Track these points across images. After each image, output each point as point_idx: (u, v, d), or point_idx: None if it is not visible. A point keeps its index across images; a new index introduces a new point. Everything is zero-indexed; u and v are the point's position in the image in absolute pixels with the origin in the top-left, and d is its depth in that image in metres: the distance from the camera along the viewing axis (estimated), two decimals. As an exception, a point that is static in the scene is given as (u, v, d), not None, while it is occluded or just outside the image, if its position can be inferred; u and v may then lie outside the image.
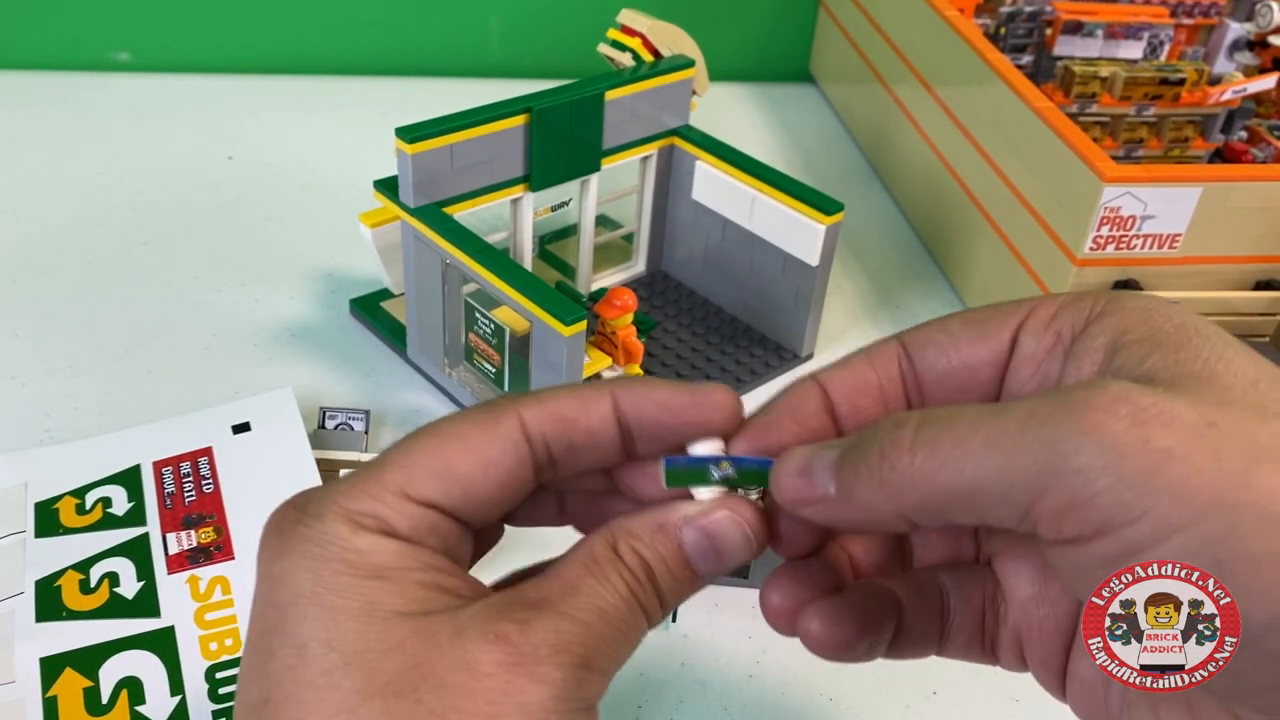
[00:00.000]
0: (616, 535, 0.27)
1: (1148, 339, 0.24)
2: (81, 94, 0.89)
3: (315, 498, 0.26)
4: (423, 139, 0.53)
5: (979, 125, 0.70)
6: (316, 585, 0.24)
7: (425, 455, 0.27)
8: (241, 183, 0.79)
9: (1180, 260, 0.59)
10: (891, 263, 0.77)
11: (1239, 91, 0.74)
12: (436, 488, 0.26)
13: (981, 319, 0.28)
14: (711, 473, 0.28)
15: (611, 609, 0.26)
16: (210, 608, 0.45)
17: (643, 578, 0.27)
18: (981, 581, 0.30)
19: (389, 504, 0.26)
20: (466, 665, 0.23)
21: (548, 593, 0.25)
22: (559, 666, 0.24)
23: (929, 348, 0.28)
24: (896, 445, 0.24)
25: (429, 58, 0.98)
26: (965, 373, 0.28)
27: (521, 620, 0.24)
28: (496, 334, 0.54)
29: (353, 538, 0.25)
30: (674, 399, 0.28)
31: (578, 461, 0.28)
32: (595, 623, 0.25)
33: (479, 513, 0.27)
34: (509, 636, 0.24)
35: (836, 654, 0.28)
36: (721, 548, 0.27)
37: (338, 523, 0.25)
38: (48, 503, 0.49)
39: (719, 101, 0.93)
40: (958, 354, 0.28)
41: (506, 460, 0.27)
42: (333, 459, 0.52)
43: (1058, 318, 0.26)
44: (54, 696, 0.41)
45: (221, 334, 0.64)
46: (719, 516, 0.27)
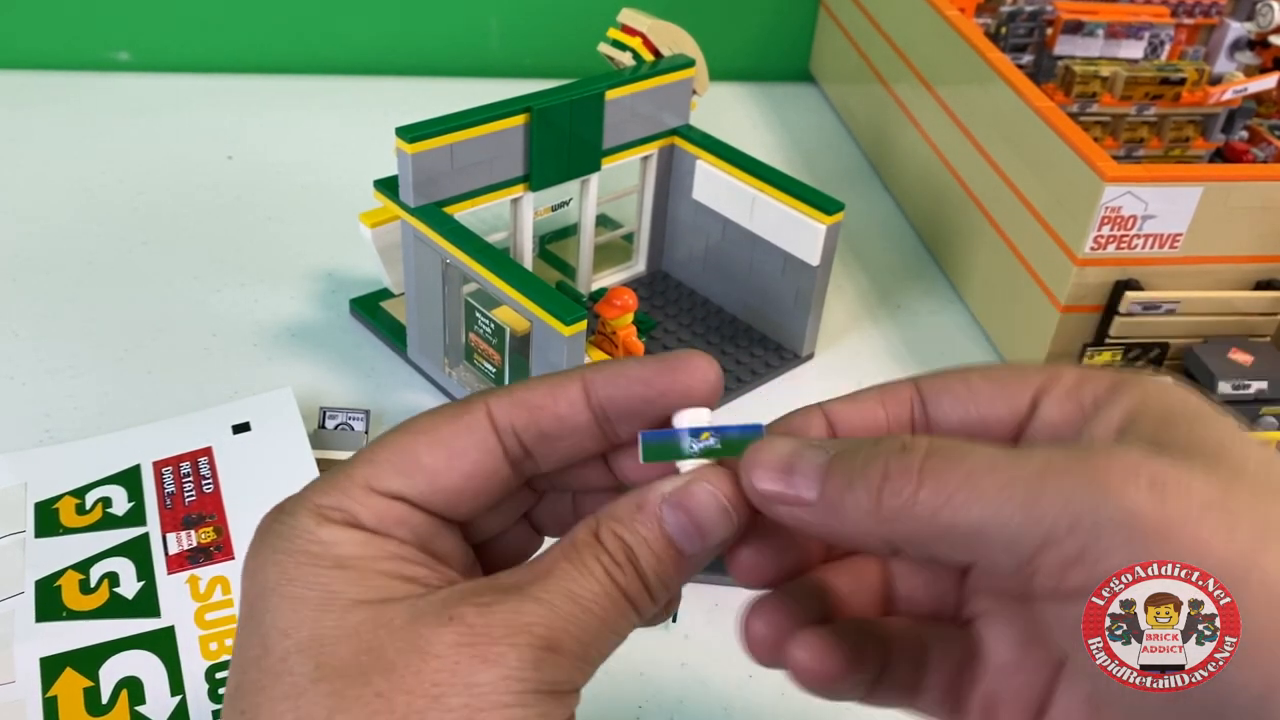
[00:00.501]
0: (600, 520, 0.26)
1: (1164, 415, 0.24)
2: (81, 94, 0.89)
3: (292, 498, 0.27)
4: (423, 139, 0.53)
5: (979, 125, 0.70)
6: (281, 577, 0.25)
7: (391, 450, 0.27)
8: (241, 183, 0.79)
9: (1181, 260, 0.59)
10: (892, 263, 0.77)
11: (1240, 91, 0.74)
12: (400, 480, 0.26)
13: (1002, 377, 0.27)
14: (688, 444, 0.27)
15: (586, 592, 0.25)
16: (210, 608, 0.45)
17: (622, 560, 0.26)
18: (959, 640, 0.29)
19: (354, 497, 0.26)
20: (417, 648, 0.23)
21: (521, 579, 0.25)
22: (513, 646, 0.23)
23: (945, 396, 0.28)
24: (903, 470, 0.23)
25: (429, 58, 0.98)
26: (980, 428, 0.27)
27: (482, 604, 0.24)
28: (497, 334, 0.54)
29: (317, 530, 0.25)
30: (645, 371, 0.27)
31: (556, 450, 0.28)
32: (564, 605, 0.25)
33: (449, 503, 0.27)
34: (464, 618, 0.24)
35: (823, 687, 0.28)
36: (702, 524, 0.26)
37: (306, 517, 0.26)
38: (48, 503, 0.49)
39: (719, 101, 0.93)
40: (975, 408, 0.27)
41: (472, 451, 0.27)
42: (333, 459, 0.52)
43: (1080, 388, 0.26)
44: (54, 696, 0.41)
45: (221, 334, 0.64)
46: (694, 490, 0.26)
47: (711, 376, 0.27)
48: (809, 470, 0.25)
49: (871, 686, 0.28)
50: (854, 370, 0.66)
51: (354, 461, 0.27)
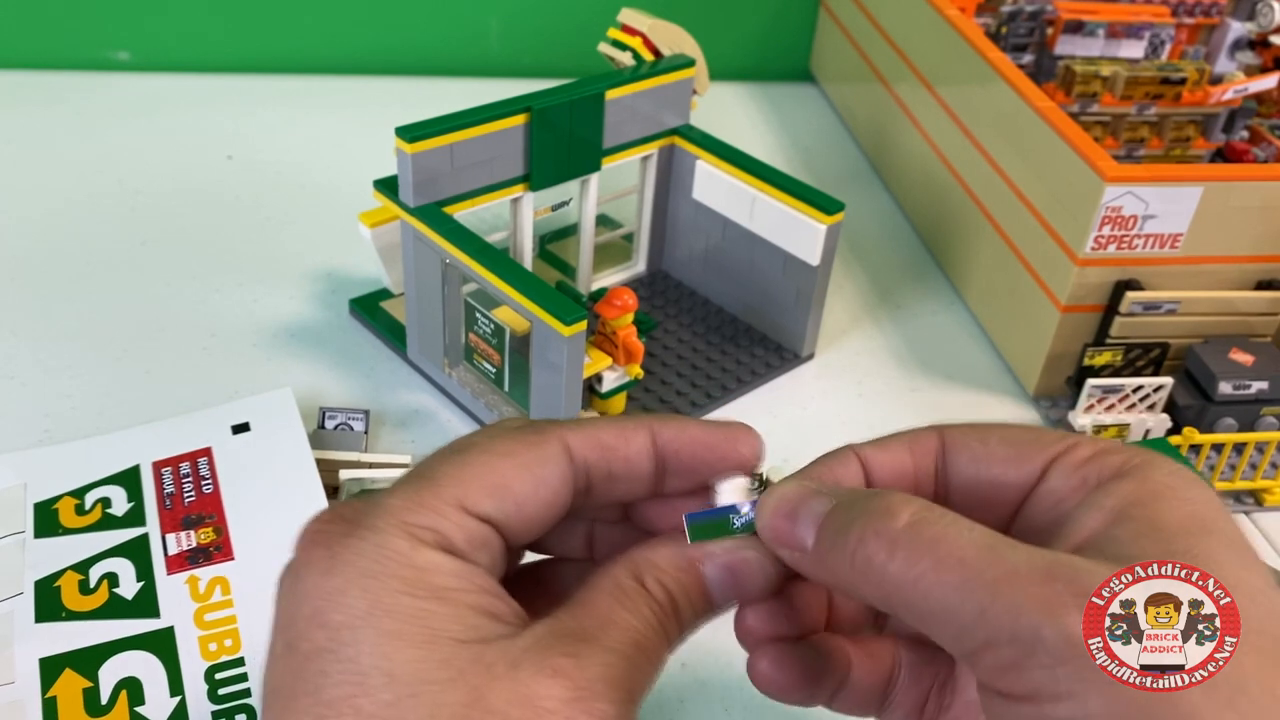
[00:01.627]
0: (640, 567, 0.28)
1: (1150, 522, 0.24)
2: (81, 94, 0.88)
3: (366, 509, 0.26)
4: (423, 139, 0.53)
5: (980, 125, 0.70)
6: (373, 607, 0.24)
7: (479, 470, 0.27)
8: (241, 183, 0.79)
9: (1181, 260, 0.59)
10: (892, 263, 0.77)
11: (1240, 91, 0.74)
12: (492, 503, 0.26)
13: (1020, 442, 0.28)
14: (733, 522, 0.29)
15: (645, 640, 0.26)
16: (210, 608, 0.45)
17: (669, 609, 0.27)
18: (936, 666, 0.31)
19: (448, 517, 0.26)
20: (528, 700, 0.24)
21: (585, 623, 0.26)
22: (613, 702, 0.25)
23: (964, 454, 0.29)
24: (877, 537, 0.25)
25: (429, 58, 0.98)
26: (991, 489, 0.28)
27: (572, 654, 0.25)
28: (497, 334, 0.54)
29: (411, 553, 0.25)
30: (711, 436, 0.29)
31: (613, 490, 0.29)
32: (635, 656, 0.26)
33: (525, 531, 0.27)
34: (566, 671, 0.24)
35: (778, 695, 0.30)
36: (743, 582, 0.29)
37: (395, 536, 0.25)
38: (47, 503, 0.49)
39: (719, 101, 0.93)
40: (989, 470, 0.28)
41: (554, 481, 0.28)
42: (332, 459, 0.52)
43: (1088, 464, 0.27)
44: (53, 697, 0.41)
45: (221, 334, 0.64)
46: (748, 556, 0.28)
47: (758, 448, 0.30)
48: (808, 519, 0.27)
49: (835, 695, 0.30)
50: (854, 370, 0.66)
51: (436, 478, 0.26)
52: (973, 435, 0.29)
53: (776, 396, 0.63)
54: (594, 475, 0.29)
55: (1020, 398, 0.65)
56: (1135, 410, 0.59)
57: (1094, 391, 0.58)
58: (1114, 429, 0.59)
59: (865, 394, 0.64)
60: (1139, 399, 0.59)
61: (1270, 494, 0.58)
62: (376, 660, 0.23)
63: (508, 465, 0.27)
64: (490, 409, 0.57)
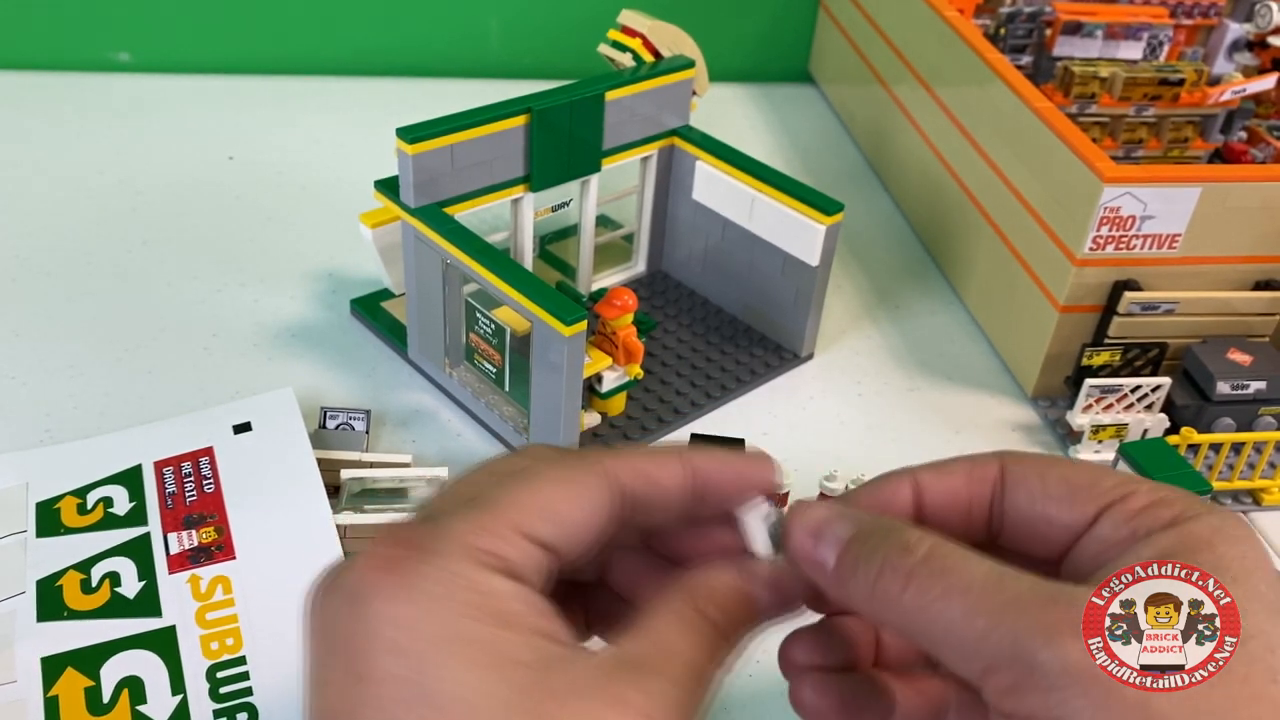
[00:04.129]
0: (698, 595, 0.28)
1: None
2: (81, 94, 0.89)
3: (430, 534, 0.26)
4: (423, 139, 0.53)
5: (978, 126, 0.70)
6: (448, 634, 0.24)
7: (535, 495, 0.27)
8: (241, 183, 0.79)
9: (1180, 260, 0.59)
10: (891, 263, 0.77)
11: (1238, 92, 0.74)
12: (550, 529, 0.27)
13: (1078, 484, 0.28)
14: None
15: (703, 670, 0.27)
16: (211, 607, 0.45)
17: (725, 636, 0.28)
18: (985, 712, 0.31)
19: (510, 542, 0.26)
20: None
21: (646, 652, 0.27)
22: None
23: (1021, 490, 0.29)
24: (894, 570, 0.26)
25: (429, 58, 0.98)
26: (1044, 527, 0.29)
27: (635, 683, 0.25)
28: (497, 334, 0.54)
29: (480, 578, 0.25)
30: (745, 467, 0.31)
31: (651, 519, 0.30)
32: (695, 687, 0.27)
33: (573, 555, 0.28)
34: (633, 701, 0.25)
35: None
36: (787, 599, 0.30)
37: (464, 561, 0.25)
38: (49, 502, 0.49)
39: (719, 102, 0.93)
40: (1043, 509, 0.29)
41: (604, 509, 0.28)
42: (334, 459, 0.52)
43: (1140, 515, 0.27)
44: (55, 696, 0.41)
45: (222, 334, 0.64)
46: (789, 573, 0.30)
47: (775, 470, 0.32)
48: (831, 540, 0.28)
49: None
50: (853, 370, 0.66)
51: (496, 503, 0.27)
52: (1033, 470, 0.29)
53: (776, 396, 0.63)
54: (635, 504, 0.29)
55: (1019, 398, 0.65)
56: (1133, 410, 0.60)
57: (1092, 391, 0.59)
58: (1112, 429, 0.59)
59: (864, 394, 0.64)
60: (1137, 399, 0.59)
61: (1268, 493, 0.58)
62: (454, 688, 0.24)
63: (561, 492, 0.28)
64: (491, 409, 0.57)
